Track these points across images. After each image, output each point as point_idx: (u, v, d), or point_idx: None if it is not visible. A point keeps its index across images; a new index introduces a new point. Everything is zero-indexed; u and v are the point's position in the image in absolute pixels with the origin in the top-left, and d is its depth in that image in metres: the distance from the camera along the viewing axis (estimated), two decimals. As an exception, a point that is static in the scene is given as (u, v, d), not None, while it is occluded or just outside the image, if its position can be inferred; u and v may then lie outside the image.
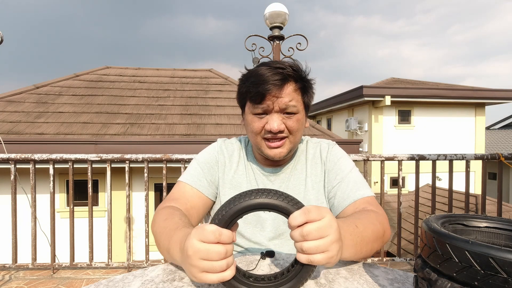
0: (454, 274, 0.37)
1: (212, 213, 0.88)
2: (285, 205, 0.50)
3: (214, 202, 0.88)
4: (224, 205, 0.51)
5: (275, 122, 0.76)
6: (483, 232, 0.50)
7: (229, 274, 0.49)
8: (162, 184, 2.19)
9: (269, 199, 0.50)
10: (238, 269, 0.52)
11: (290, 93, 0.76)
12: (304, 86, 0.79)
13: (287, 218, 0.50)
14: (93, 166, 2.17)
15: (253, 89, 0.75)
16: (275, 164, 0.87)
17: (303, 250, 0.48)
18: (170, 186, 2.17)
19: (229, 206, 0.50)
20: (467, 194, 2.26)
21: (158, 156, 2.15)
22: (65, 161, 2.12)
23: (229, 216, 0.50)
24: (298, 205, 0.51)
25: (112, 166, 2.20)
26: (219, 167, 0.87)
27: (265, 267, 0.64)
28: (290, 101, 0.76)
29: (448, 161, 2.22)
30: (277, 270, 0.63)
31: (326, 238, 0.48)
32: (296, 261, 0.52)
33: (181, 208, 0.77)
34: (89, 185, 2.15)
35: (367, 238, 0.63)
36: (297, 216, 0.49)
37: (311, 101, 0.84)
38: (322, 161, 0.88)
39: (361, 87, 9.75)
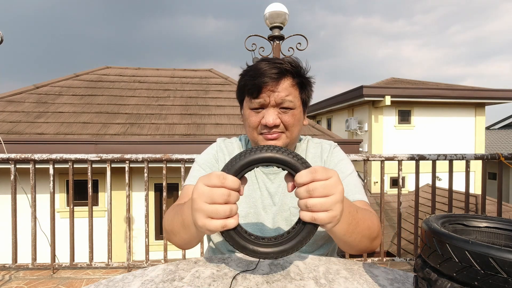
0: (454, 274, 0.37)
1: None
2: (294, 162, 0.51)
3: None
4: (235, 157, 0.52)
5: (270, 116, 0.76)
6: (483, 232, 0.50)
7: (232, 222, 0.49)
8: (162, 184, 2.19)
9: (279, 154, 0.51)
10: (240, 227, 0.53)
11: (287, 88, 0.77)
12: (302, 82, 0.80)
13: (294, 174, 0.51)
14: (93, 166, 2.17)
15: (250, 82, 0.76)
16: None
17: (307, 206, 0.49)
18: (170, 186, 2.18)
19: (240, 158, 0.51)
20: (467, 194, 2.26)
21: (158, 156, 2.15)
22: (65, 161, 2.12)
23: (239, 166, 0.50)
24: (306, 164, 0.51)
25: (112, 166, 2.20)
26: (220, 165, 0.88)
27: (265, 267, 0.64)
28: (286, 96, 0.76)
29: (448, 161, 2.22)
30: (277, 270, 0.63)
31: (331, 197, 0.49)
32: (298, 221, 0.52)
33: None
34: (89, 185, 2.15)
35: (361, 228, 0.63)
36: (303, 175, 0.49)
37: (309, 98, 0.84)
38: (322, 161, 0.88)
39: (361, 87, 9.75)
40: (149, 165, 2.18)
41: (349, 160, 0.89)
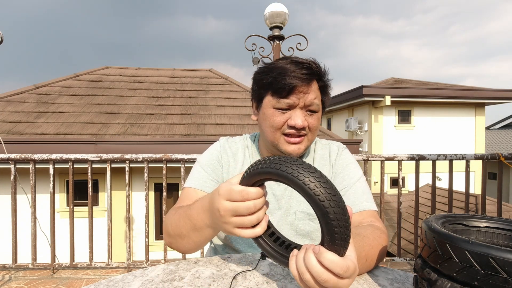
0: (454, 274, 0.37)
1: None
2: (337, 227, 0.41)
3: None
4: (260, 161, 0.47)
5: (299, 118, 0.74)
6: (483, 232, 0.50)
7: (259, 231, 0.52)
8: (162, 184, 2.19)
9: (323, 195, 0.40)
10: (270, 232, 0.54)
11: (315, 90, 0.76)
12: (325, 85, 0.79)
13: (321, 218, 0.41)
14: (93, 166, 2.17)
15: (281, 81, 0.73)
16: None
17: (305, 282, 0.43)
18: (170, 186, 2.18)
19: (270, 165, 0.45)
20: (467, 194, 2.26)
21: (158, 156, 2.15)
22: (65, 161, 2.12)
23: (259, 173, 0.46)
24: (345, 243, 0.42)
25: (112, 166, 2.20)
26: (223, 167, 0.85)
27: (265, 267, 0.64)
28: (315, 99, 0.75)
29: (448, 161, 2.22)
30: (277, 270, 0.63)
31: None
32: (288, 247, 0.52)
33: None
34: (89, 185, 2.15)
35: (364, 270, 0.61)
36: (340, 266, 0.41)
37: (327, 102, 0.83)
38: (330, 164, 0.86)
39: (361, 87, 9.75)
40: (149, 165, 2.18)
41: (357, 164, 0.87)
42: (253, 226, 0.52)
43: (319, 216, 0.41)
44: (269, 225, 0.54)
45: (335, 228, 0.41)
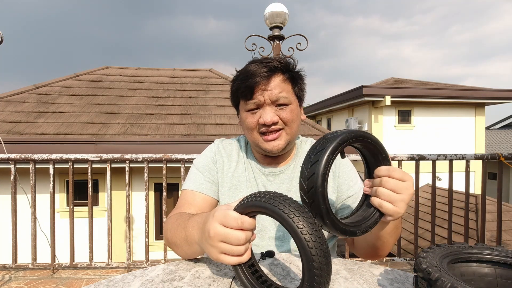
0: None
1: None
2: (308, 248, 0.42)
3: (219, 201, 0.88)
4: (255, 195, 0.48)
5: (267, 114, 0.76)
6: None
7: (245, 258, 0.51)
8: (162, 184, 2.19)
9: (300, 224, 0.43)
10: (251, 264, 0.54)
11: (279, 84, 0.77)
12: (293, 76, 0.81)
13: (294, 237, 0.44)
14: (93, 166, 2.17)
15: (242, 85, 0.77)
16: (274, 162, 0.87)
17: (376, 193, 0.56)
18: (170, 186, 2.18)
19: (263, 199, 0.47)
20: (467, 194, 2.26)
21: (158, 156, 2.15)
22: (65, 161, 2.12)
23: (256, 206, 0.47)
24: (324, 258, 0.43)
25: (112, 166, 2.20)
26: (218, 167, 0.87)
27: (265, 268, 0.64)
28: (280, 93, 0.77)
29: (448, 161, 2.22)
30: (277, 270, 0.63)
31: (399, 195, 0.55)
32: (265, 283, 0.52)
33: (188, 212, 0.77)
34: (89, 185, 2.15)
35: (398, 233, 0.72)
36: (382, 169, 0.56)
37: (303, 92, 0.85)
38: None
39: (361, 87, 9.75)
40: (149, 165, 2.18)
41: (353, 166, 0.90)
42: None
43: (304, 261, 0.43)
44: (251, 256, 0.53)
45: (316, 277, 0.42)
